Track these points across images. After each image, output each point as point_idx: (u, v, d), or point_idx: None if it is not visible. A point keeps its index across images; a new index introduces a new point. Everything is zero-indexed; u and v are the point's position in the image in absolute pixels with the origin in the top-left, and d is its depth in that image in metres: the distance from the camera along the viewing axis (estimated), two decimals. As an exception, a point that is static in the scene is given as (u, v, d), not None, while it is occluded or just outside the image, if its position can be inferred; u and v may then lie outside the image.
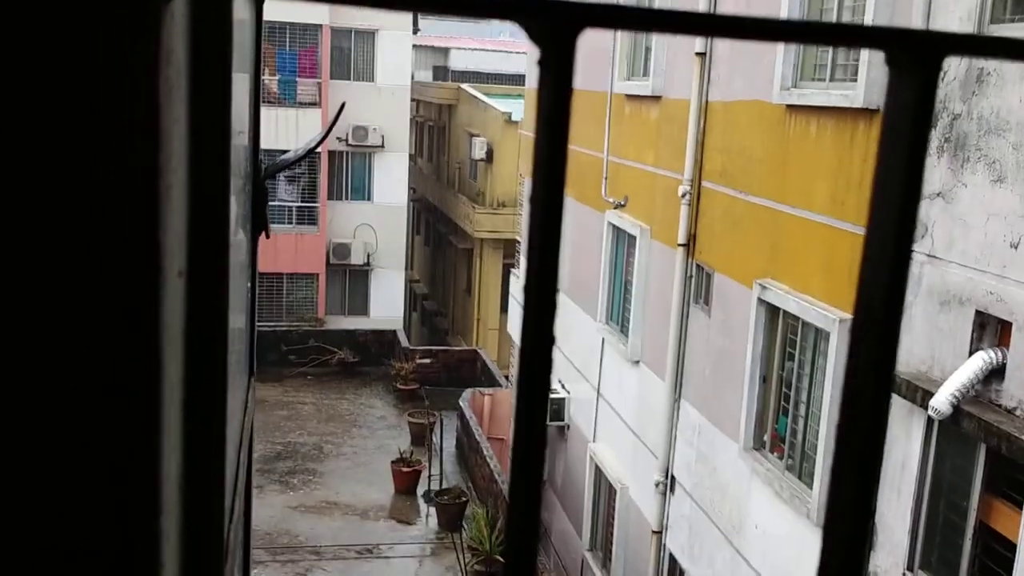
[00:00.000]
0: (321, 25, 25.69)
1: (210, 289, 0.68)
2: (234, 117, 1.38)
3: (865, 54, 7.46)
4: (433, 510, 17.19)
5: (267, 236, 1.76)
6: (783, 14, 8.64)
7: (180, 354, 0.62)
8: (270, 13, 27.25)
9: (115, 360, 0.47)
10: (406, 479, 18.00)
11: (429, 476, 17.90)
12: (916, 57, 0.48)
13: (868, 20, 7.43)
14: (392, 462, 18.24)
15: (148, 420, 0.48)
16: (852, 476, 0.46)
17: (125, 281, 0.46)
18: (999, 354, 6.10)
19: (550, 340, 0.46)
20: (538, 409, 0.44)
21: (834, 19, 8.18)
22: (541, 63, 0.45)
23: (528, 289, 0.46)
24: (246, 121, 1.53)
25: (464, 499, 16.97)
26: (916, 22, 6.87)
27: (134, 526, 0.49)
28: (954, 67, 6.55)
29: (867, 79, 7.40)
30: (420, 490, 18.06)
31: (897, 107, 0.48)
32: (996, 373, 6.11)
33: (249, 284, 1.68)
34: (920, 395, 6.56)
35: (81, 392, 0.47)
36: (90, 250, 0.45)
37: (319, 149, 25.73)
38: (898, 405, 7.01)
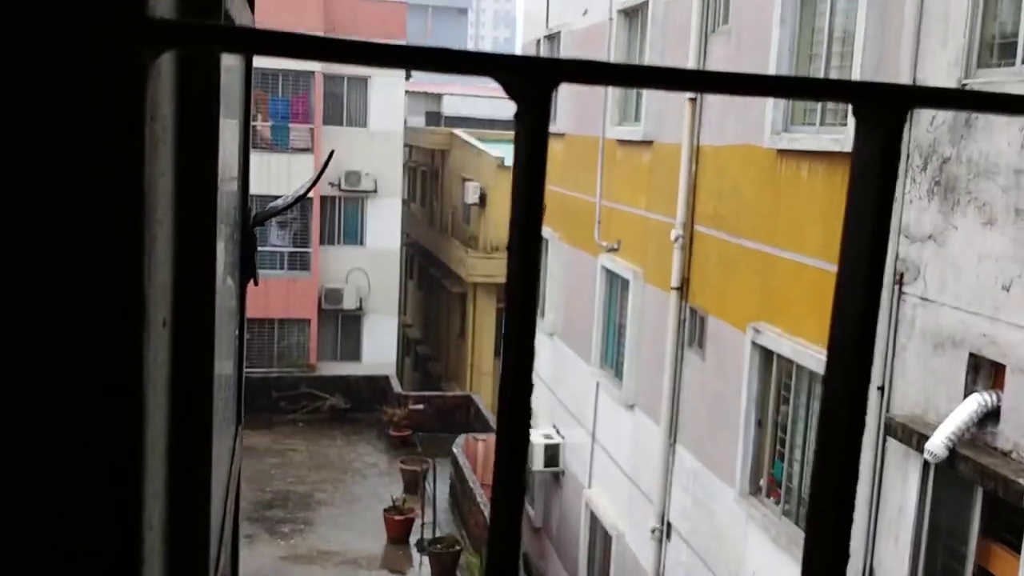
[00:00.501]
0: (314, 72, 25.94)
1: (196, 339, 0.66)
2: (223, 164, 1.38)
3: (854, 99, 7.53)
4: (426, 559, 16.97)
5: (255, 283, 1.75)
6: (772, 60, 8.75)
7: (165, 404, 0.61)
8: (262, 60, 27.55)
9: (97, 409, 0.46)
10: (399, 528, 17.80)
11: (422, 524, 17.70)
12: (881, 110, 0.49)
13: (856, 64, 7.53)
14: (384, 510, 18.04)
15: (129, 469, 0.47)
16: (831, 503, 0.45)
17: (108, 331, 0.45)
18: (994, 396, 6.09)
19: (528, 384, 0.45)
20: (518, 462, 0.43)
21: (823, 63, 8.29)
22: (517, 116, 0.45)
23: (507, 337, 0.45)
24: (235, 168, 1.52)
25: (458, 548, 16.77)
26: (904, 67, 6.96)
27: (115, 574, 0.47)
28: (942, 111, 6.63)
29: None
30: (413, 539, 17.84)
31: (864, 158, 0.49)
32: (991, 416, 6.09)
33: (237, 332, 1.66)
34: (916, 438, 6.53)
35: (61, 439, 0.46)
36: (74, 300, 0.44)
37: (310, 195, 25.82)
38: (894, 449, 6.97)
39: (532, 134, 0.44)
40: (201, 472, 0.73)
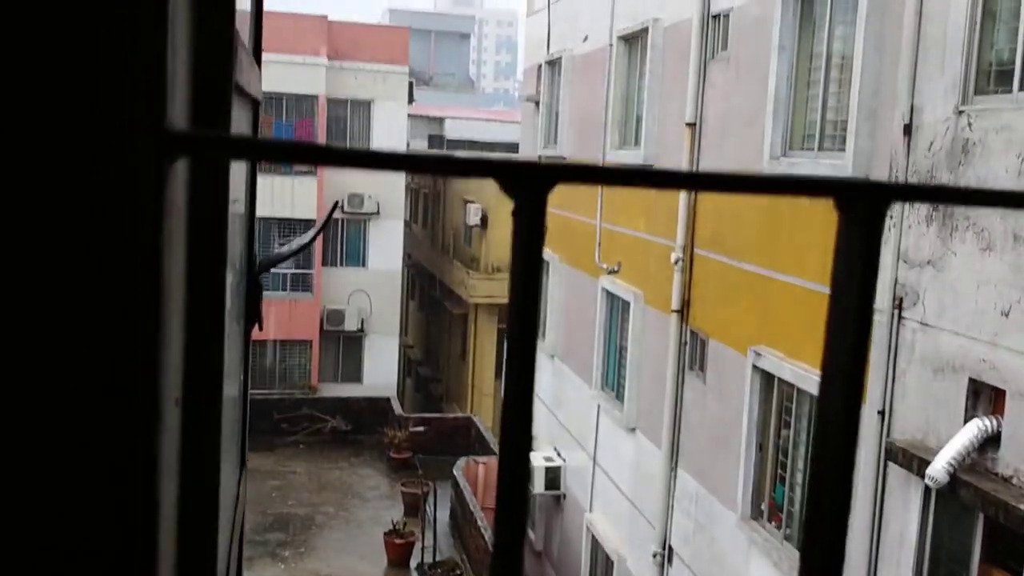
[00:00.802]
0: (317, 96, 26.08)
1: (205, 414, 0.69)
2: (234, 212, 1.42)
3: (853, 123, 7.59)
4: (427, 582, 16.89)
5: (260, 328, 1.78)
6: (771, 86, 8.81)
7: (175, 481, 0.63)
8: (267, 84, 27.57)
9: (113, 494, 0.48)
10: (399, 551, 17.73)
11: (423, 548, 17.63)
12: (862, 205, 0.51)
13: (854, 90, 7.58)
14: (385, 533, 17.97)
15: (145, 548, 0.49)
16: (825, 525, 0.48)
17: (125, 414, 0.47)
18: (994, 422, 6.10)
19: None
20: (520, 485, 0.46)
21: (821, 89, 8.34)
22: (515, 214, 0.49)
23: (504, 419, 0.48)
24: (242, 217, 1.56)
25: (458, 572, 16.70)
26: (902, 93, 7.01)
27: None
28: (939, 137, 6.67)
29: (855, 149, 7.52)
30: (413, 562, 17.76)
31: (847, 251, 0.51)
32: (992, 441, 6.10)
33: (242, 377, 1.69)
34: (916, 463, 6.54)
35: (73, 532, 0.48)
36: (91, 393, 0.47)
37: (315, 217, 25.90)
38: (895, 473, 6.97)
39: (529, 231, 0.46)
40: (207, 548, 0.76)
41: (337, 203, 3.40)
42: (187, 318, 0.67)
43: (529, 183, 0.47)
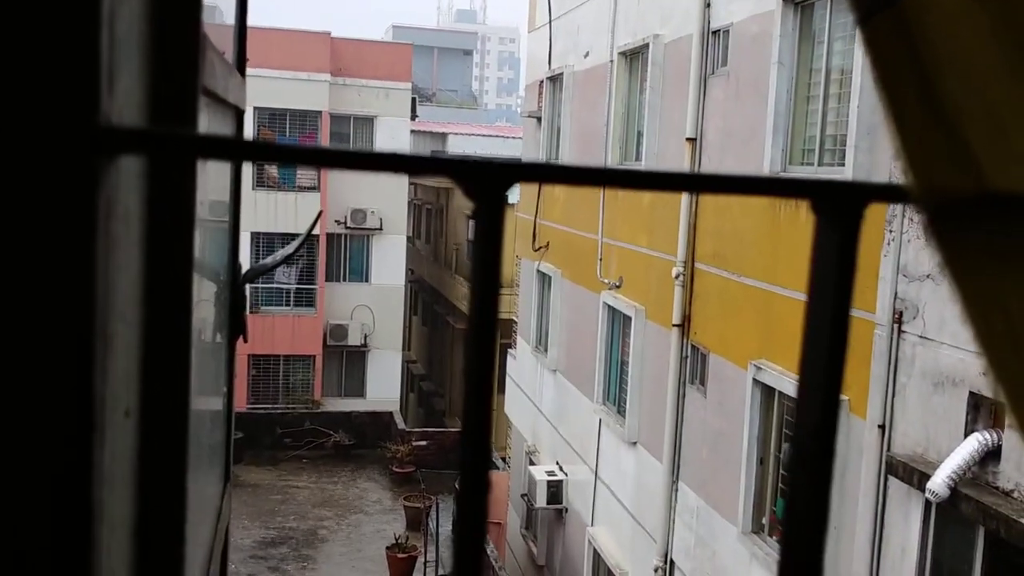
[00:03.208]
0: (321, 111, 26.17)
1: (165, 425, 0.69)
2: (214, 220, 1.42)
3: (852, 137, 7.60)
4: (429, 597, 16.83)
5: (245, 340, 1.78)
6: (770, 101, 8.83)
7: (128, 494, 0.63)
8: (270, 100, 27.55)
9: (43, 516, 0.47)
10: (402, 566, 17.67)
11: (425, 562, 17.57)
12: (839, 206, 0.50)
13: (854, 104, 7.59)
14: (387, 548, 17.92)
15: (81, 561, 0.49)
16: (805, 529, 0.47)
17: (57, 427, 0.47)
18: (995, 435, 6.07)
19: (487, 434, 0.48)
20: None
21: (820, 103, 8.35)
22: (473, 216, 0.49)
23: (465, 416, 0.48)
24: (225, 227, 1.56)
25: (461, 586, 16.61)
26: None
27: None
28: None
29: (855, 162, 7.52)
30: (416, 577, 17.70)
31: (823, 253, 0.51)
32: (992, 455, 6.08)
33: (226, 389, 1.69)
34: (917, 477, 6.51)
35: (9, 534, 0.48)
36: (17, 405, 0.46)
37: (316, 232, 25.93)
38: (895, 488, 6.94)
39: (488, 231, 0.46)
40: (174, 558, 0.75)
41: (320, 214, 3.41)
42: (146, 326, 0.66)
43: (487, 182, 0.47)
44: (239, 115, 1.61)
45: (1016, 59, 0.42)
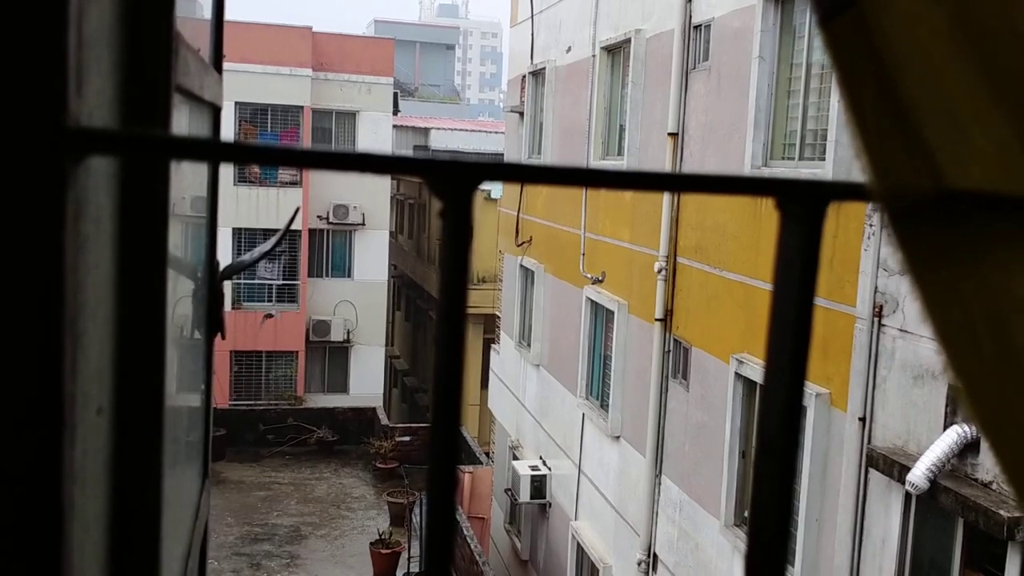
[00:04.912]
0: (303, 106, 26.07)
1: (140, 422, 0.69)
2: (191, 216, 1.41)
3: (832, 132, 7.64)
4: (413, 593, 16.83)
5: (222, 338, 1.78)
6: (751, 96, 8.86)
7: (102, 491, 0.63)
8: (252, 95, 27.43)
9: (13, 514, 0.47)
10: (385, 561, 17.66)
11: (409, 558, 17.57)
12: (803, 204, 0.51)
13: (834, 99, 7.63)
14: (371, 544, 17.91)
15: (51, 560, 0.49)
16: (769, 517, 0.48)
17: (23, 435, 0.47)
18: (974, 428, 6.13)
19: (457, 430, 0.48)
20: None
21: (801, 98, 8.39)
22: (442, 215, 0.49)
23: (434, 419, 0.49)
24: (202, 222, 1.55)
25: (445, 581, 16.63)
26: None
27: None
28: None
29: (835, 157, 7.57)
30: (400, 572, 17.70)
31: (787, 250, 0.51)
32: (972, 447, 6.14)
33: (204, 386, 1.69)
34: (897, 470, 6.57)
35: None
36: None
37: (299, 228, 25.86)
38: (876, 480, 7.00)
39: (455, 230, 0.47)
40: (149, 555, 0.74)
41: (297, 209, 3.41)
42: (118, 324, 0.66)
43: (454, 181, 0.48)
44: (216, 113, 1.60)
45: (972, 59, 0.42)
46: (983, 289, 0.45)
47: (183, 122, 1.09)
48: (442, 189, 0.48)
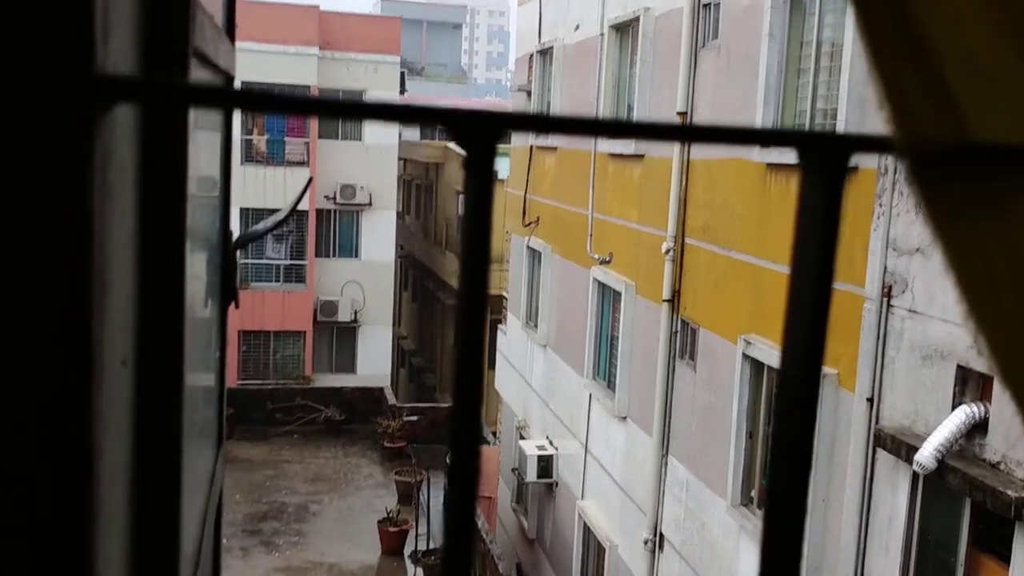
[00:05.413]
0: (309, 86, 25.99)
1: (161, 376, 0.69)
2: (204, 186, 1.41)
3: (843, 111, 7.60)
4: (420, 571, 16.95)
5: (236, 306, 1.78)
6: (761, 74, 8.81)
7: (125, 441, 0.63)
8: (259, 74, 27.36)
9: (43, 450, 0.48)
10: (393, 539, 17.78)
11: (416, 536, 17.68)
12: (825, 157, 0.51)
13: (844, 78, 7.58)
14: (379, 522, 18.02)
15: (79, 506, 0.49)
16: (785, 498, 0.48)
17: (53, 374, 0.47)
18: (981, 408, 6.13)
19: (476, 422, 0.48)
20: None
21: (811, 76, 8.34)
22: (465, 164, 0.49)
23: (457, 374, 0.49)
24: (216, 189, 1.56)
25: (452, 559, 16.73)
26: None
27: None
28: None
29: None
30: (407, 550, 17.82)
31: (808, 204, 0.51)
32: (979, 427, 6.13)
33: (218, 353, 1.69)
34: (905, 450, 6.57)
35: (6, 490, 0.48)
36: (16, 348, 0.46)
37: (306, 208, 25.86)
38: (883, 460, 7.01)
39: (479, 180, 0.47)
40: (169, 507, 0.75)
41: (311, 179, 3.41)
42: (139, 277, 0.66)
43: (478, 131, 0.47)
44: (229, 81, 1.60)
45: (998, 9, 0.42)
46: (1004, 241, 0.46)
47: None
48: (466, 139, 0.47)
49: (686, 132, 0.54)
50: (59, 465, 0.48)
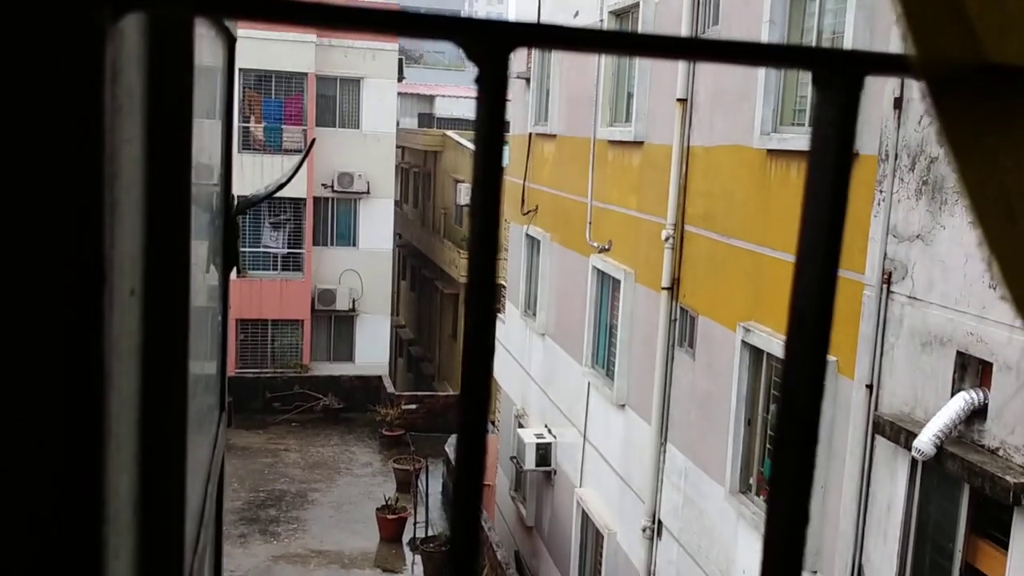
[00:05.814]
0: (307, 73, 25.93)
1: (168, 307, 0.68)
2: (207, 152, 1.40)
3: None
4: (419, 558, 16.98)
5: (239, 273, 1.77)
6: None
7: (135, 370, 0.62)
8: (256, 62, 27.28)
9: (55, 373, 0.47)
10: (391, 527, 17.81)
11: (415, 523, 17.71)
12: (839, 75, 0.50)
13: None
14: (377, 509, 18.05)
15: (91, 433, 0.48)
16: (789, 482, 0.47)
17: (66, 294, 0.46)
18: (981, 394, 6.13)
19: (490, 347, 0.47)
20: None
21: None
22: (478, 80, 0.47)
23: (469, 304, 0.47)
24: (217, 156, 1.54)
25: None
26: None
27: (76, 538, 0.48)
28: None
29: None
30: (406, 537, 17.85)
31: (823, 124, 0.50)
32: (978, 413, 6.13)
33: (220, 317, 1.68)
34: (904, 436, 6.57)
35: (20, 406, 0.47)
36: (28, 261, 0.46)
37: (304, 196, 25.82)
38: (882, 446, 7.01)
39: (490, 98, 0.45)
40: (175, 438, 0.75)
41: (313, 140, 3.39)
42: (148, 199, 0.65)
43: (491, 43, 0.46)
44: (231, 44, 1.59)
45: None
46: (1019, 163, 0.45)
47: (202, 47, 1.08)
48: (478, 52, 0.46)
49: (699, 47, 0.53)
50: (71, 386, 0.47)
